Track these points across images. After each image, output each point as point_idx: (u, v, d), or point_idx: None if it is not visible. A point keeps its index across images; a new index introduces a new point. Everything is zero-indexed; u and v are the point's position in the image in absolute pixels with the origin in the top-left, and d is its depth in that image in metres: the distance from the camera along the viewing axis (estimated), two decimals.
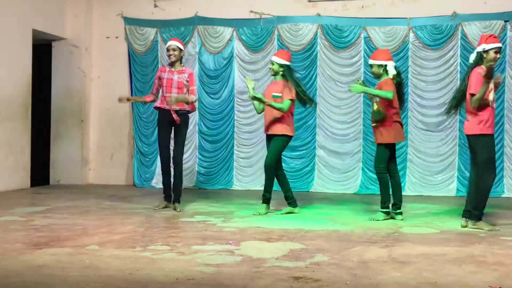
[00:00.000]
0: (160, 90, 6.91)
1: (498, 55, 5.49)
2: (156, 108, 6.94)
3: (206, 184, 9.59)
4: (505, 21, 8.67)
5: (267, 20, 9.47)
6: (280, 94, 6.48)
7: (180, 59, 6.90)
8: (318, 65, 9.32)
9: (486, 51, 5.45)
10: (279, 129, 6.50)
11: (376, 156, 6.30)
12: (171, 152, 6.86)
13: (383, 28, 9.07)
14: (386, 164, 6.20)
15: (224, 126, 9.65)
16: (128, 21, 9.99)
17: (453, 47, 8.85)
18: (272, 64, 6.61)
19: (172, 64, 6.86)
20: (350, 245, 4.71)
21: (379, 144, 6.21)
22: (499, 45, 5.48)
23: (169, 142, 6.87)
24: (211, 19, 9.65)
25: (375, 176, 8.39)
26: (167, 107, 6.74)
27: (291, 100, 6.48)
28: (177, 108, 6.74)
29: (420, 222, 6.11)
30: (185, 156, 9.71)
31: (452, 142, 8.88)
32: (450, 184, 8.86)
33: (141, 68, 9.89)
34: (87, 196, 8.20)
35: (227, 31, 9.61)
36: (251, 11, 9.57)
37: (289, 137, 6.62)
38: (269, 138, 6.62)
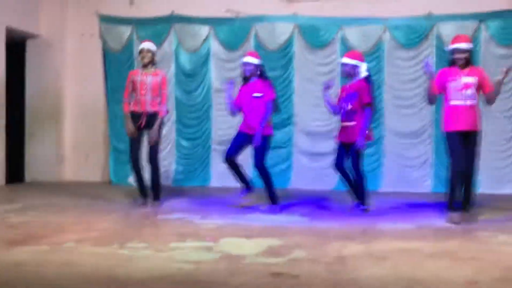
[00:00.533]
0: (133, 94, 6.83)
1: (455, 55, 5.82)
2: (129, 111, 6.80)
3: (183, 181, 9.56)
4: (479, 22, 8.80)
5: (244, 19, 9.46)
6: (261, 94, 6.56)
7: (152, 61, 6.85)
8: (295, 64, 9.35)
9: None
10: (265, 129, 6.57)
11: (357, 156, 6.37)
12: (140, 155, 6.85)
13: (359, 28, 9.13)
14: None
15: (201, 124, 9.63)
16: (103, 19, 9.89)
17: (428, 47, 8.95)
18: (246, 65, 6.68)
19: (145, 66, 6.82)
20: (328, 241, 4.74)
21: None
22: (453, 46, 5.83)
23: (140, 145, 6.85)
24: (187, 17, 9.61)
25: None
26: (139, 110, 6.72)
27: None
28: (151, 110, 6.72)
29: (397, 218, 6.17)
30: (162, 154, 9.72)
31: (427, 139, 8.99)
32: (426, 181, 8.97)
33: (116, 66, 9.79)
34: (63, 193, 8.11)
35: (204, 30, 9.59)
36: (228, 10, 9.55)
37: (272, 136, 6.74)
38: (250, 137, 6.60)
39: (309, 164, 9.31)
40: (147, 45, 6.84)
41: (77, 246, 4.43)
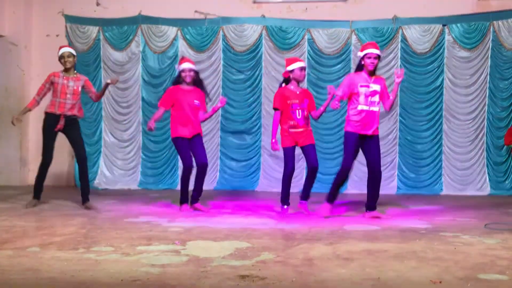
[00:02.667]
0: (51, 95, 6.94)
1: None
2: (46, 113, 6.91)
3: (150, 184, 9.49)
4: (443, 25, 8.96)
5: (212, 20, 9.46)
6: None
7: (73, 66, 6.98)
8: (263, 66, 9.39)
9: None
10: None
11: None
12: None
13: (326, 30, 9.21)
14: None
15: (168, 126, 9.54)
16: (69, 19, 9.76)
17: (394, 49, 9.08)
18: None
19: (66, 71, 6.93)
20: (295, 243, 4.76)
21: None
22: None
23: (54, 147, 7.07)
24: (155, 18, 9.55)
25: (318, 175, 8.56)
26: (58, 112, 6.84)
27: None
28: (69, 113, 6.87)
29: (362, 219, 6.24)
30: (129, 155, 9.65)
31: (393, 141, 9.11)
32: (391, 182, 9.09)
33: (83, 67, 9.65)
34: (26, 197, 7.94)
35: (172, 31, 9.54)
36: (196, 11, 9.54)
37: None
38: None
39: (276, 166, 9.34)
40: (68, 49, 7.03)
41: (42, 251, 4.36)
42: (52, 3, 9.89)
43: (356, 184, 9.12)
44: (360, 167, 9.17)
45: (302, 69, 6.48)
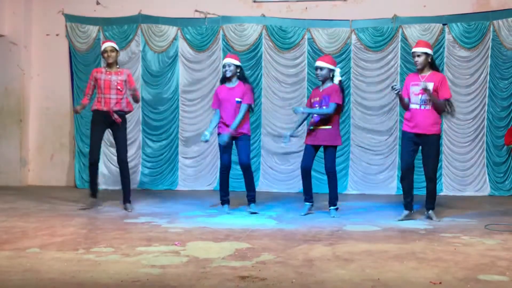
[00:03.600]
0: (96, 92, 6.89)
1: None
2: (93, 110, 6.88)
3: (150, 185, 9.48)
4: (443, 24, 8.95)
5: (212, 20, 9.45)
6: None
7: (116, 61, 6.89)
8: (263, 65, 9.37)
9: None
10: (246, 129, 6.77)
11: (331, 158, 6.45)
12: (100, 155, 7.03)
13: (326, 30, 9.20)
14: None
15: (168, 126, 9.56)
16: (69, 18, 9.75)
17: (394, 49, 9.07)
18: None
19: (109, 65, 6.85)
20: (295, 244, 4.77)
21: (331, 146, 6.43)
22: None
23: (101, 144, 7.00)
24: (155, 17, 9.54)
25: (318, 175, 8.58)
26: (105, 108, 6.75)
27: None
28: (116, 108, 6.77)
29: (363, 220, 6.24)
30: (128, 155, 9.62)
31: (393, 142, 9.09)
32: (391, 183, 9.08)
33: (83, 66, 9.66)
34: (26, 197, 7.96)
35: (172, 30, 9.53)
36: (196, 10, 9.52)
37: None
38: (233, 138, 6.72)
39: (276, 166, 9.34)
40: (111, 44, 6.91)
41: (42, 251, 4.36)
42: (52, 2, 9.88)
43: (356, 184, 9.13)
44: (360, 167, 9.19)
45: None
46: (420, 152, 6.21)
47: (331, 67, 6.50)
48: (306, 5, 9.40)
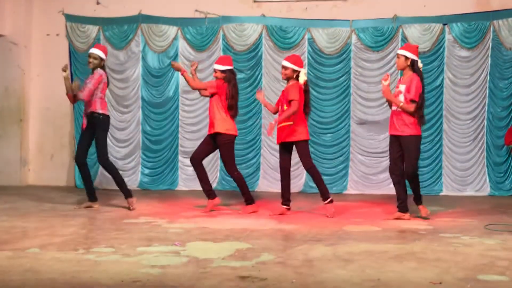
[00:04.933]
0: (103, 95, 7.08)
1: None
2: (108, 115, 7.13)
3: (150, 185, 9.47)
4: (444, 24, 8.95)
5: (212, 20, 9.44)
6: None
7: (97, 67, 6.96)
8: (263, 65, 9.37)
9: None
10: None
11: (304, 153, 6.48)
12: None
13: (326, 30, 9.20)
14: None
15: (168, 126, 9.56)
16: (69, 18, 9.75)
17: (394, 49, 9.05)
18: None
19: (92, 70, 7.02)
20: (295, 244, 4.77)
21: (303, 141, 6.45)
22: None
23: (87, 146, 7.12)
24: (155, 17, 9.54)
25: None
26: (88, 111, 7.00)
27: None
28: (89, 110, 6.97)
29: (363, 220, 6.24)
30: (128, 155, 9.62)
31: None
32: (391, 183, 9.03)
33: (83, 66, 9.64)
34: (26, 197, 7.97)
35: (172, 30, 9.53)
36: (196, 10, 9.52)
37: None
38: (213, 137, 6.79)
39: (276, 166, 9.31)
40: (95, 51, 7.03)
41: (42, 251, 4.36)
42: (52, 2, 9.88)
43: (356, 184, 9.13)
44: (360, 167, 9.19)
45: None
46: None
47: (296, 67, 6.50)
48: (306, 5, 9.40)
